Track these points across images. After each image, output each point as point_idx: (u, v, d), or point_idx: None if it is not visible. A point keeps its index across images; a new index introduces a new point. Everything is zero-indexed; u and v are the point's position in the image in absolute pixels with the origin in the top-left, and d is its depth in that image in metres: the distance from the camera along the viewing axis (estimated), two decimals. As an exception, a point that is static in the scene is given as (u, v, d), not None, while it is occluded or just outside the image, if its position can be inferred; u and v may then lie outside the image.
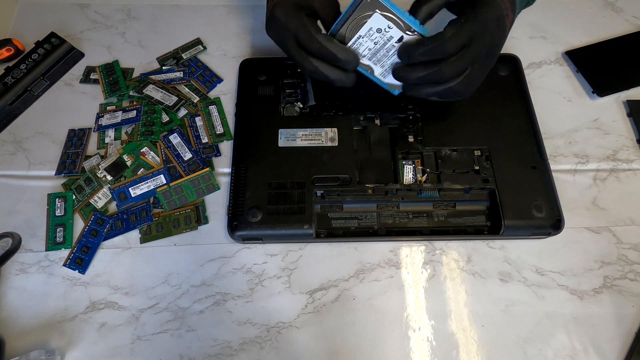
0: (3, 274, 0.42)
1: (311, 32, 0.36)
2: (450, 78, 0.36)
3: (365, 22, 0.36)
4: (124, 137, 0.49)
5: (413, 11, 0.37)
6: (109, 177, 0.46)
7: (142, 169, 0.47)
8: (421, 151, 0.45)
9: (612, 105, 0.51)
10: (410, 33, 0.36)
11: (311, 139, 0.46)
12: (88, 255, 0.43)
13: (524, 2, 0.40)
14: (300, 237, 0.43)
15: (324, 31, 0.37)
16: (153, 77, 0.52)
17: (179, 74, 0.52)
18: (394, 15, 0.35)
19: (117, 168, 0.46)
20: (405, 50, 0.36)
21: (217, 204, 0.46)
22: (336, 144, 0.46)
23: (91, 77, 0.53)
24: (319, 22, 0.39)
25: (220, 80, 0.53)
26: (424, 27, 0.36)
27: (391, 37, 0.36)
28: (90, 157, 0.48)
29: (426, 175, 0.44)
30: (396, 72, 0.38)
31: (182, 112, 0.51)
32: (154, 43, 0.55)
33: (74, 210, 0.45)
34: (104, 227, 0.44)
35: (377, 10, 0.35)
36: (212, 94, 0.52)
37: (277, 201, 0.43)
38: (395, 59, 0.37)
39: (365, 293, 0.42)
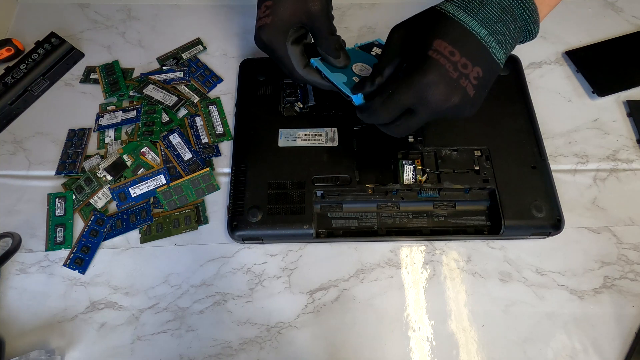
0: (3, 274, 0.42)
1: (292, 65, 0.40)
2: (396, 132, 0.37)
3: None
4: (124, 137, 0.49)
5: (372, 78, 0.36)
6: (109, 177, 0.46)
7: (142, 169, 0.47)
8: (421, 151, 0.45)
9: (612, 105, 0.51)
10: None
11: (311, 139, 0.46)
12: (88, 255, 0.43)
13: (513, 42, 0.34)
14: (300, 237, 0.43)
15: (303, 63, 0.41)
16: (153, 77, 0.52)
17: (179, 74, 0.52)
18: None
19: (117, 168, 0.46)
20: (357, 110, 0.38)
21: (217, 204, 0.46)
22: (336, 144, 0.46)
23: (91, 77, 0.53)
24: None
25: (220, 80, 0.53)
26: (357, 96, 0.37)
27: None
28: (90, 157, 0.48)
29: (426, 175, 0.44)
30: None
31: (182, 112, 0.51)
32: (154, 43, 0.55)
33: (74, 210, 0.45)
34: (104, 227, 0.44)
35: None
36: (212, 94, 0.52)
37: (277, 201, 0.43)
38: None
39: (365, 293, 0.42)
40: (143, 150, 0.47)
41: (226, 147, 0.49)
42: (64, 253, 0.43)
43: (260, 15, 0.40)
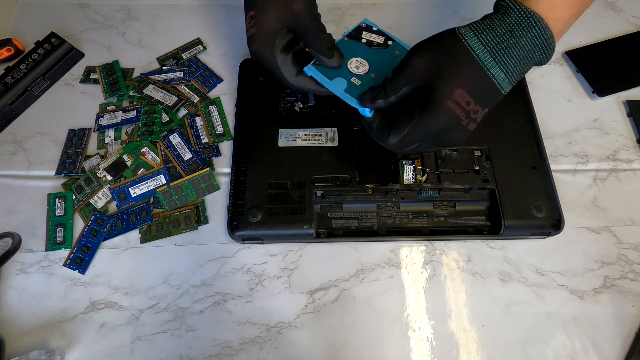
0: (3, 274, 0.42)
1: (283, 74, 0.39)
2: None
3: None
4: (124, 137, 0.49)
5: (383, 93, 0.36)
6: (109, 177, 0.46)
7: (142, 169, 0.47)
8: (421, 151, 0.45)
9: (612, 105, 0.51)
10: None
11: (311, 139, 0.46)
12: (88, 255, 0.43)
13: (522, 76, 0.35)
14: (300, 237, 0.43)
15: (294, 71, 0.39)
16: (153, 77, 0.52)
17: (179, 74, 0.52)
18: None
19: (117, 168, 0.46)
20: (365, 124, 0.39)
21: (217, 204, 0.46)
22: (336, 144, 0.46)
23: (91, 77, 0.53)
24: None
25: (220, 80, 0.53)
26: (366, 110, 0.37)
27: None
28: (90, 157, 0.48)
29: (426, 175, 0.44)
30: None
31: (182, 112, 0.51)
32: (154, 43, 0.55)
33: (74, 210, 0.45)
34: (104, 227, 0.44)
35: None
36: (212, 94, 0.52)
37: (277, 201, 0.43)
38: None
39: (365, 293, 0.42)
40: (143, 150, 0.47)
41: (226, 147, 0.49)
42: (64, 253, 0.43)
43: (246, 26, 0.39)
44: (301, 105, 0.48)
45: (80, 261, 0.43)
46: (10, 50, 0.53)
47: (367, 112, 0.37)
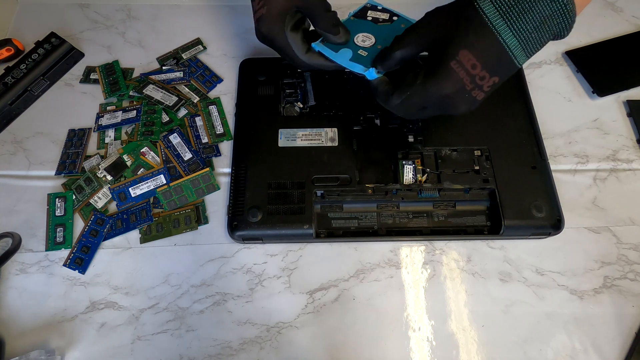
0: (3, 274, 0.42)
1: (295, 53, 0.39)
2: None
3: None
4: (124, 137, 0.49)
5: (381, 58, 0.37)
6: (109, 177, 0.46)
7: (142, 169, 0.47)
8: (421, 151, 0.45)
9: (612, 105, 0.51)
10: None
11: (311, 139, 0.46)
12: (88, 255, 0.43)
13: (540, 47, 0.33)
14: (300, 237, 0.43)
15: (304, 48, 0.40)
16: (153, 77, 0.52)
17: (179, 74, 0.52)
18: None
19: (117, 168, 0.46)
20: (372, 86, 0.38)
21: (217, 204, 0.46)
22: (336, 144, 0.46)
23: (91, 77, 0.53)
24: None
25: (220, 80, 0.53)
26: (369, 71, 0.38)
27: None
28: (90, 157, 0.48)
29: (426, 175, 0.44)
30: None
31: (182, 112, 0.51)
32: (154, 43, 0.55)
33: (74, 210, 0.45)
34: (104, 227, 0.44)
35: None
36: (212, 94, 0.52)
37: (277, 201, 0.43)
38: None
39: (365, 293, 0.42)
40: (143, 150, 0.47)
41: (226, 147, 0.49)
42: (64, 253, 0.43)
43: (255, 8, 0.40)
44: (301, 105, 0.48)
45: (80, 261, 0.43)
46: (10, 50, 0.53)
47: (373, 74, 0.37)
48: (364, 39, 0.40)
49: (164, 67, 0.53)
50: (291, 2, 0.38)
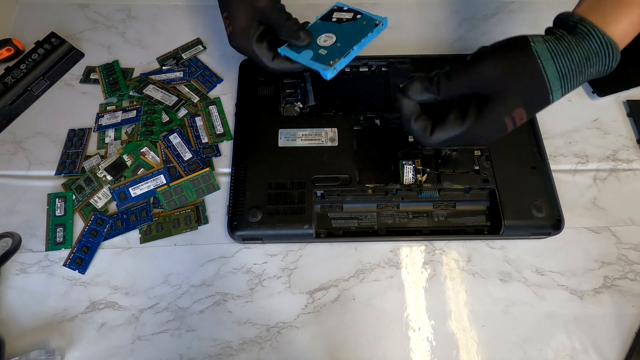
0: (3, 274, 0.42)
1: (263, 62, 0.43)
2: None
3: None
4: (124, 137, 0.49)
5: (429, 81, 0.36)
6: (109, 177, 0.46)
7: (142, 169, 0.47)
8: (421, 151, 0.45)
9: (612, 105, 0.51)
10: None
11: (311, 139, 0.46)
12: (88, 255, 0.43)
13: (575, 84, 0.33)
14: (300, 237, 0.43)
15: (271, 56, 0.43)
16: (153, 77, 0.52)
17: (179, 74, 0.52)
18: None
19: (117, 168, 0.46)
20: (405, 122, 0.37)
21: (217, 204, 0.46)
22: (336, 144, 0.46)
23: (91, 77, 0.53)
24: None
25: (220, 80, 0.53)
26: (326, 71, 0.39)
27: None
28: (90, 157, 0.48)
29: (426, 175, 0.44)
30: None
31: (182, 112, 0.51)
32: (154, 43, 0.55)
33: (74, 210, 0.45)
34: (104, 227, 0.44)
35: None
36: (212, 94, 0.52)
37: (277, 201, 0.43)
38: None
39: (365, 293, 0.42)
40: (143, 150, 0.47)
41: (226, 147, 0.49)
42: (64, 253, 0.43)
43: (225, 26, 0.44)
44: (301, 105, 0.48)
45: (80, 261, 0.43)
46: (10, 50, 0.53)
47: (331, 73, 0.39)
48: (325, 39, 0.42)
49: (164, 67, 0.53)
50: (251, 19, 0.42)
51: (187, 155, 0.47)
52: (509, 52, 0.33)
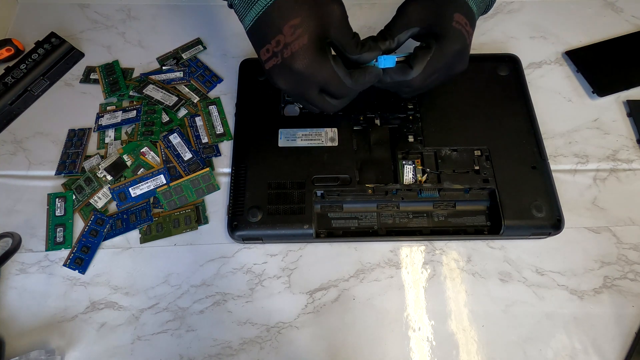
0: (3, 274, 0.42)
1: (342, 80, 0.35)
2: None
3: None
4: (124, 137, 0.49)
5: (381, 37, 0.39)
6: (109, 177, 0.46)
7: (142, 169, 0.47)
8: (421, 151, 0.45)
9: (612, 105, 0.51)
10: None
11: (311, 139, 0.46)
12: (88, 255, 0.43)
13: (481, 11, 0.42)
14: (300, 237, 0.43)
15: (348, 73, 0.36)
16: (153, 77, 0.52)
17: (179, 74, 0.52)
18: None
19: (117, 168, 0.46)
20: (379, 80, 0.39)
21: (217, 204, 0.46)
22: (336, 144, 0.46)
23: (91, 77, 0.53)
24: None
25: (220, 80, 0.53)
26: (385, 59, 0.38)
27: None
28: (90, 157, 0.48)
29: (426, 175, 0.44)
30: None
31: (182, 112, 0.51)
32: (154, 43, 0.55)
33: (74, 210, 0.45)
34: (104, 227, 0.44)
35: None
36: (212, 94, 0.52)
37: (277, 201, 0.43)
38: None
39: (365, 293, 0.42)
40: (143, 150, 0.47)
41: (226, 147, 0.49)
42: (64, 253, 0.43)
43: (284, 41, 0.32)
44: (301, 106, 0.48)
45: (80, 261, 0.43)
46: (10, 50, 0.53)
47: (392, 61, 0.38)
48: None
49: (164, 67, 0.53)
50: (327, 29, 0.34)
51: (187, 155, 0.47)
52: None
